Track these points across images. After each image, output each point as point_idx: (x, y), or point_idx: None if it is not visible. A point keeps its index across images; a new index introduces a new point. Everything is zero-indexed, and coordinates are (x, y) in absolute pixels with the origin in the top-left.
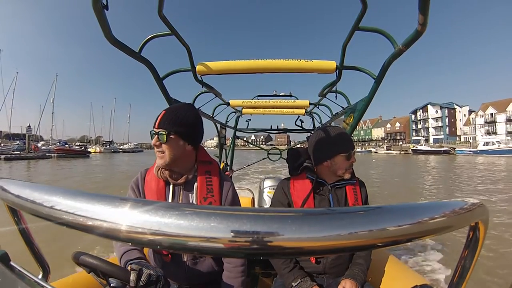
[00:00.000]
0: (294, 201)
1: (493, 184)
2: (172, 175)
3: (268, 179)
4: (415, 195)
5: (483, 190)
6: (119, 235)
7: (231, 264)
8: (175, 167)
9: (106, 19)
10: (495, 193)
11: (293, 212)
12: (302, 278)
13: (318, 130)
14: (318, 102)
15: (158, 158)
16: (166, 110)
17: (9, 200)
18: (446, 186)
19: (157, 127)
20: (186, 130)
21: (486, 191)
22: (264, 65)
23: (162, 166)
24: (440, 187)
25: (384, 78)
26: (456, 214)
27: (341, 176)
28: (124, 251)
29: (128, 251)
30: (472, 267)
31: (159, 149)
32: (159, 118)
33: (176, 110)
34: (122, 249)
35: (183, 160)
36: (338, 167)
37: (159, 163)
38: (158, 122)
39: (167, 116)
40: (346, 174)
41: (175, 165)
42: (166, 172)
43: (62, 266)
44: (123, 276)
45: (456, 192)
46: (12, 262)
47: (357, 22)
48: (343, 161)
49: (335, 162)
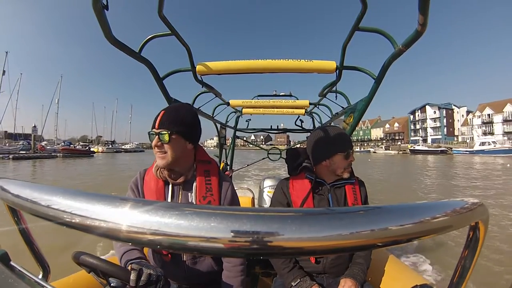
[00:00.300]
0: (293, 201)
1: (483, 180)
2: (171, 175)
3: (268, 178)
4: (408, 192)
5: (473, 186)
6: (119, 235)
7: (230, 263)
8: (176, 167)
9: (106, 19)
10: (486, 189)
11: (293, 212)
12: (301, 277)
13: (316, 130)
14: (318, 102)
15: (160, 159)
16: (165, 110)
17: (9, 200)
18: (441, 182)
19: (158, 127)
20: (187, 129)
21: (475, 187)
22: (264, 65)
23: (163, 166)
24: (436, 183)
25: (384, 78)
26: (456, 214)
27: (340, 175)
28: (124, 251)
29: (128, 251)
30: (472, 267)
31: (161, 150)
32: (158, 118)
33: (176, 109)
34: (122, 249)
35: (183, 160)
36: (336, 167)
37: (160, 164)
38: (158, 122)
39: (168, 116)
40: (345, 173)
41: (176, 165)
42: (165, 172)
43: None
44: (123, 276)
45: (447, 186)
46: (12, 262)
47: (357, 22)
48: (341, 161)
49: (334, 161)
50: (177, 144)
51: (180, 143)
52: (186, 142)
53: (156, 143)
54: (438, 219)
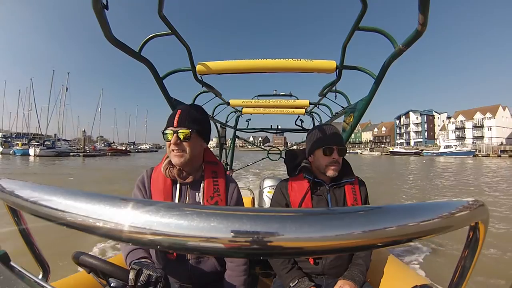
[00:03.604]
0: (292, 201)
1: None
2: (180, 174)
3: (268, 178)
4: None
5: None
6: (119, 235)
7: (233, 263)
8: (188, 166)
9: (106, 19)
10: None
11: (293, 212)
12: (299, 278)
13: (312, 128)
14: (318, 102)
15: (177, 157)
16: (181, 109)
17: (9, 200)
18: (404, 169)
19: (177, 125)
20: (203, 128)
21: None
22: (264, 65)
23: (180, 165)
24: (401, 169)
25: (384, 78)
26: (456, 214)
27: (324, 173)
28: (129, 250)
29: (133, 251)
30: (472, 267)
31: (178, 148)
32: (177, 116)
33: (192, 109)
34: (127, 248)
35: (196, 159)
36: (319, 163)
37: (177, 162)
38: (177, 120)
39: (186, 115)
40: (329, 171)
41: (190, 164)
42: (175, 170)
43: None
44: (122, 276)
45: (408, 170)
46: (12, 262)
47: (357, 22)
48: (321, 157)
49: (316, 157)
50: (195, 142)
51: (198, 141)
52: (202, 141)
53: (175, 141)
54: (438, 219)
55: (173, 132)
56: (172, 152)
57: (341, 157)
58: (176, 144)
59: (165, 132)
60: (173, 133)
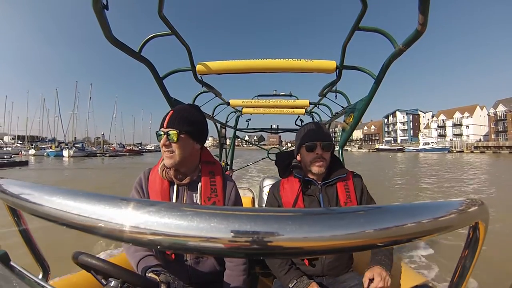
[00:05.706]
0: (284, 202)
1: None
2: (177, 175)
3: (267, 178)
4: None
5: (405, 164)
6: (119, 235)
7: (233, 263)
8: (182, 167)
9: (106, 19)
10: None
11: (293, 212)
12: (297, 278)
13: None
14: (318, 102)
15: (167, 158)
16: (174, 110)
17: (9, 200)
18: (388, 162)
19: (166, 126)
20: (195, 129)
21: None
22: (264, 65)
23: (171, 166)
24: (384, 163)
25: (384, 78)
26: (456, 214)
27: (309, 170)
28: (140, 257)
29: (145, 258)
30: (472, 267)
31: (169, 149)
32: (167, 118)
33: (184, 110)
34: (138, 255)
35: (190, 160)
36: (305, 161)
37: (168, 163)
38: (167, 121)
39: (176, 116)
40: (314, 168)
41: (182, 165)
42: (171, 172)
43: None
44: (122, 276)
45: (391, 162)
46: (12, 262)
47: (357, 22)
48: (306, 153)
49: (302, 155)
50: (185, 143)
51: (189, 143)
52: (194, 142)
53: (164, 142)
54: (438, 219)
55: (164, 133)
56: (164, 153)
57: (327, 152)
58: (165, 145)
59: (158, 133)
60: (163, 134)
